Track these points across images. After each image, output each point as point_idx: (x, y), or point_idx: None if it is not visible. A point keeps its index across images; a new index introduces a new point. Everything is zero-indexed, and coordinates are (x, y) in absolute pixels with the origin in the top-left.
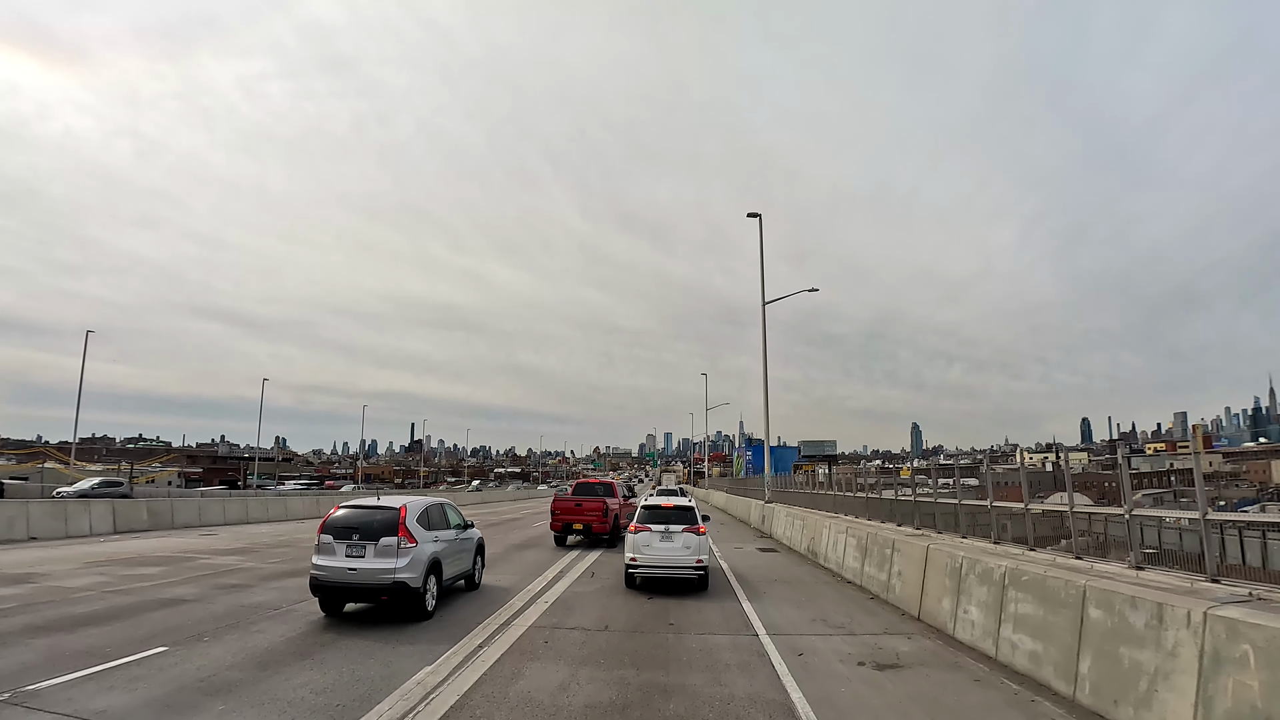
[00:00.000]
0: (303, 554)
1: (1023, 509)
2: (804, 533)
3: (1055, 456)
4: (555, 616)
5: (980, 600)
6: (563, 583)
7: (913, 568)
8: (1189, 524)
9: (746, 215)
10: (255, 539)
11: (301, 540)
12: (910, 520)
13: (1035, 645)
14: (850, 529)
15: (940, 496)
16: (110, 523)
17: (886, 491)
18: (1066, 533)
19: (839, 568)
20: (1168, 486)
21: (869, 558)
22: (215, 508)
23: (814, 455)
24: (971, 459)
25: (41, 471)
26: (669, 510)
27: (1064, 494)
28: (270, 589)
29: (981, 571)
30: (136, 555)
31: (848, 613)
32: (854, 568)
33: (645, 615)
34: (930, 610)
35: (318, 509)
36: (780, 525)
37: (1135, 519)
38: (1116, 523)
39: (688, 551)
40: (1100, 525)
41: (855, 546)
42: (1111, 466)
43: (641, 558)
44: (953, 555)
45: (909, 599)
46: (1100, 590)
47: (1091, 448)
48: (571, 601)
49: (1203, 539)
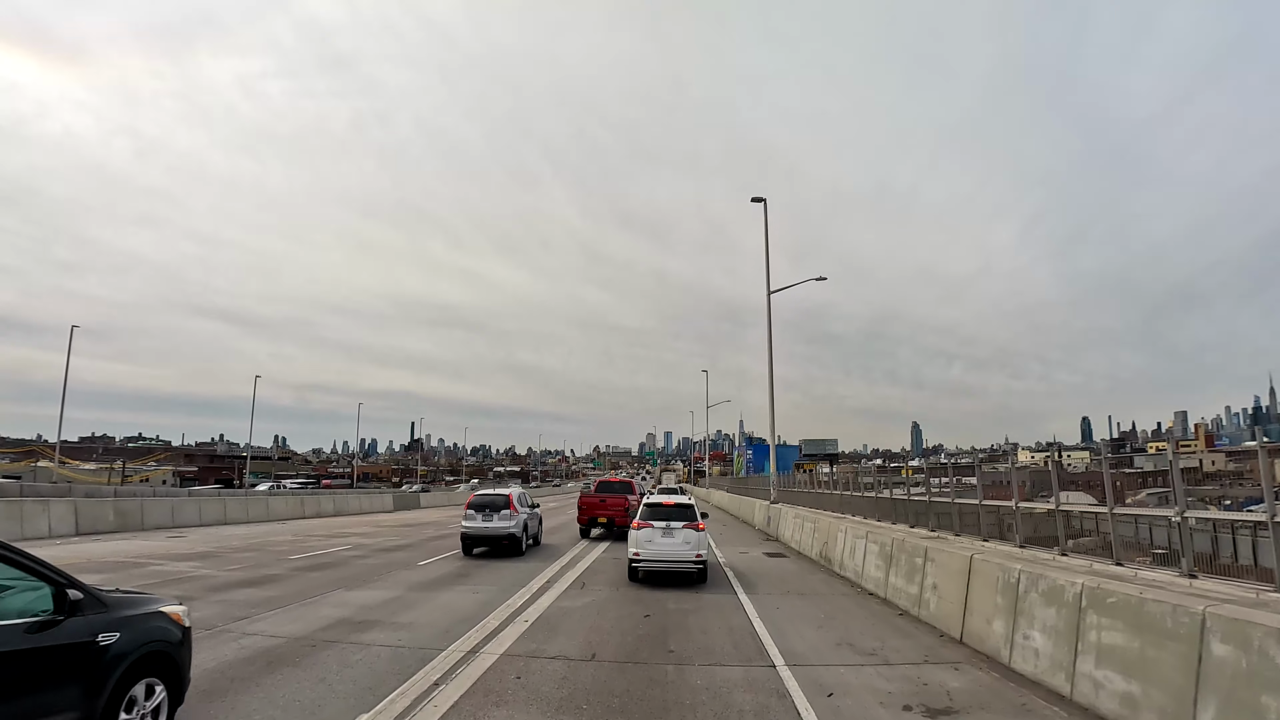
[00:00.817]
0: (270, 560)
1: (1047, 510)
2: (815, 537)
3: (1056, 455)
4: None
5: (1047, 624)
6: (546, 597)
7: (952, 581)
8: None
9: (751, 200)
10: (224, 542)
11: (273, 544)
12: (923, 521)
13: (1130, 686)
14: (871, 534)
15: (953, 495)
16: (72, 524)
17: (896, 490)
18: (1072, 533)
19: (858, 577)
20: (1171, 485)
21: (895, 567)
22: (190, 508)
23: (815, 454)
24: (973, 458)
25: (35, 470)
26: (670, 508)
27: (1068, 493)
28: (213, 602)
29: (1048, 589)
30: (85, 560)
31: (877, 634)
32: (876, 578)
33: (639, 640)
34: (976, 632)
35: (302, 509)
36: (788, 528)
37: (1185, 522)
38: (1125, 523)
39: (688, 547)
40: (1102, 524)
41: (878, 554)
42: (1115, 465)
43: (644, 552)
44: (1005, 568)
45: (948, 617)
46: (1228, 619)
47: (1092, 447)
48: (556, 620)
49: (1276, 545)
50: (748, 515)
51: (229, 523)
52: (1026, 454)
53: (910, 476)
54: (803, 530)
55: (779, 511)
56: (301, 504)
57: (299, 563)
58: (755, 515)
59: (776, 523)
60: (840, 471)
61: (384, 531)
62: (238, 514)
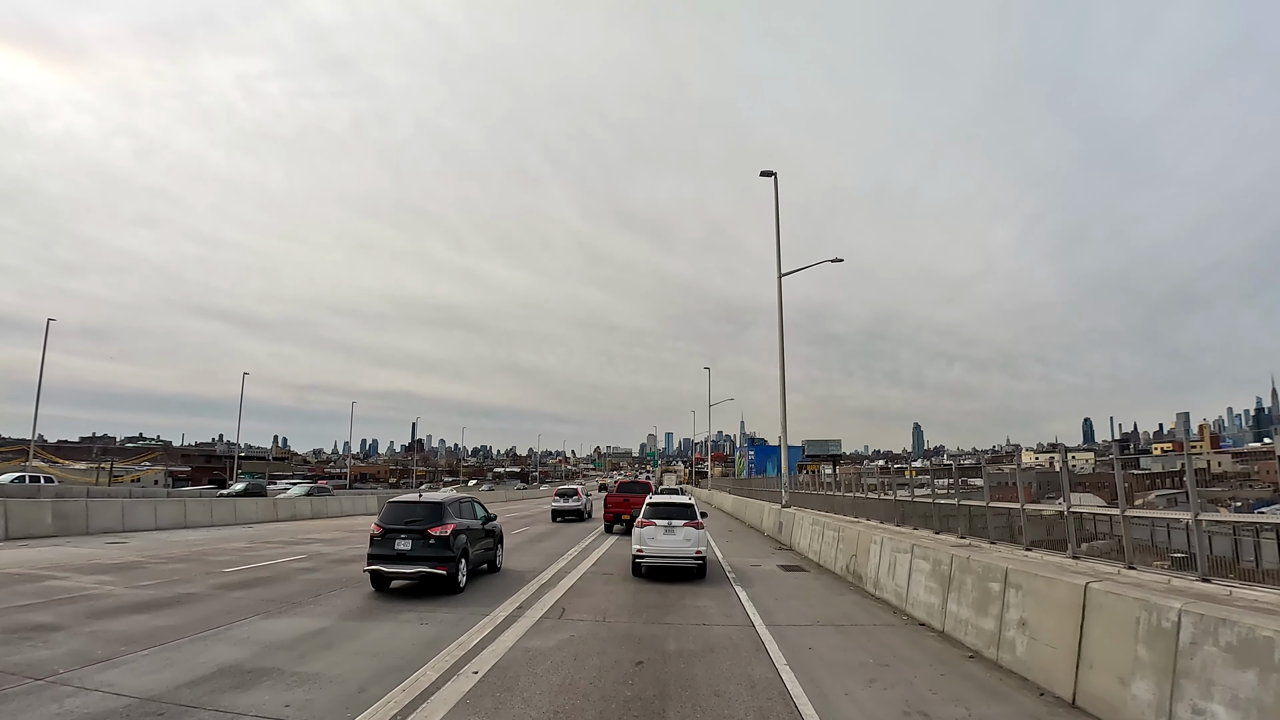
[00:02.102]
0: (197, 574)
1: (1118, 514)
2: (840, 548)
3: (1063, 456)
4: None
5: (1245, 696)
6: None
7: (1053, 618)
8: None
9: (760, 174)
10: (163, 550)
11: (218, 552)
12: (951, 526)
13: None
14: (917, 546)
15: (988, 499)
16: (0, 527)
17: (918, 492)
18: (1083, 536)
19: (900, 600)
20: (1180, 487)
21: (957, 593)
22: (144, 511)
23: (818, 455)
24: (976, 458)
25: (24, 470)
26: (671, 507)
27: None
28: (80, 634)
29: (1239, 640)
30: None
31: (954, 693)
32: (928, 604)
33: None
34: (1100, 695)
35: (275, 512)
36: (804, 535)
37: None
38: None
39: (688, 543)
40: (1107, 525)
41: (930, 573)
42: (1124, 466)
43: (647, 549)
44: (1152, 605)
45: (1047, 667)
46: None
47: (1095, 448)
48: (516, 672)
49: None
50: (754, 520)
51: (189, 526)
52: (1030, 454)
53: (914, 478)
54: (822, 539)
55: (791, 517)
56: (275, 506)
57: (229, 578)
58: (764, 520)
59: (789, 529)
60: (843, 473)
61: (353, 538)
62: (200, 517)
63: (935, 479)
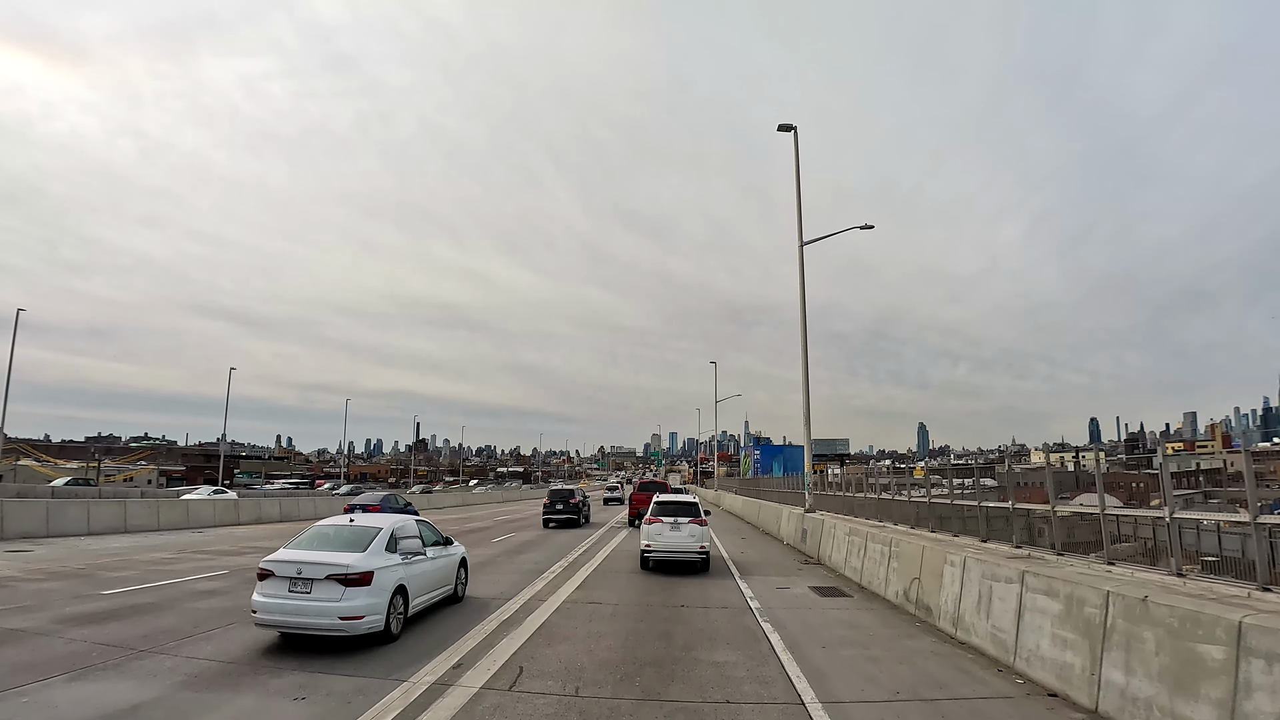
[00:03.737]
0: (60, 597)
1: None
2: (892, 566)
3: (1077, 458)
4: None
5: None
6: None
7: None
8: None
9: (778, 129)
10: (61, 562)
11: (118, 566)
12: (999, 533)
13: None
14: (1031, 575)
15: (1053, 502)
16: None
17: (927, 491)
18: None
19: (1004, 652)
20: (1196, 487)
21: (1125, 654)
22: (76, 512)
23: (825, 454)
24: (984, 458)
25: (15, 469)
26: (677, 505)
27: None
28: None
29: None
30: None
31: None
32: (1059, 663)
33: None
34: None
35: (237, 515)
36: (837, 548)
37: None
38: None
39: (693, 539)
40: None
41: (1060, 619)
42: (1135, 466)
43: (655, 544)
44: None
45: None
46: None
47: (1103, 447)
48: None
49: None
50: (769, 525)
51: (130, 530)
52: (1038, 455)
53: (927, 478)
54: (864, 554)
55: (819, 524)
56: (237, 509)
57: (97, 605)
58: (782, 526)
59: (817, 539)
60: (849, 472)
61: None
62: (143, 520)
63: (952, 477)
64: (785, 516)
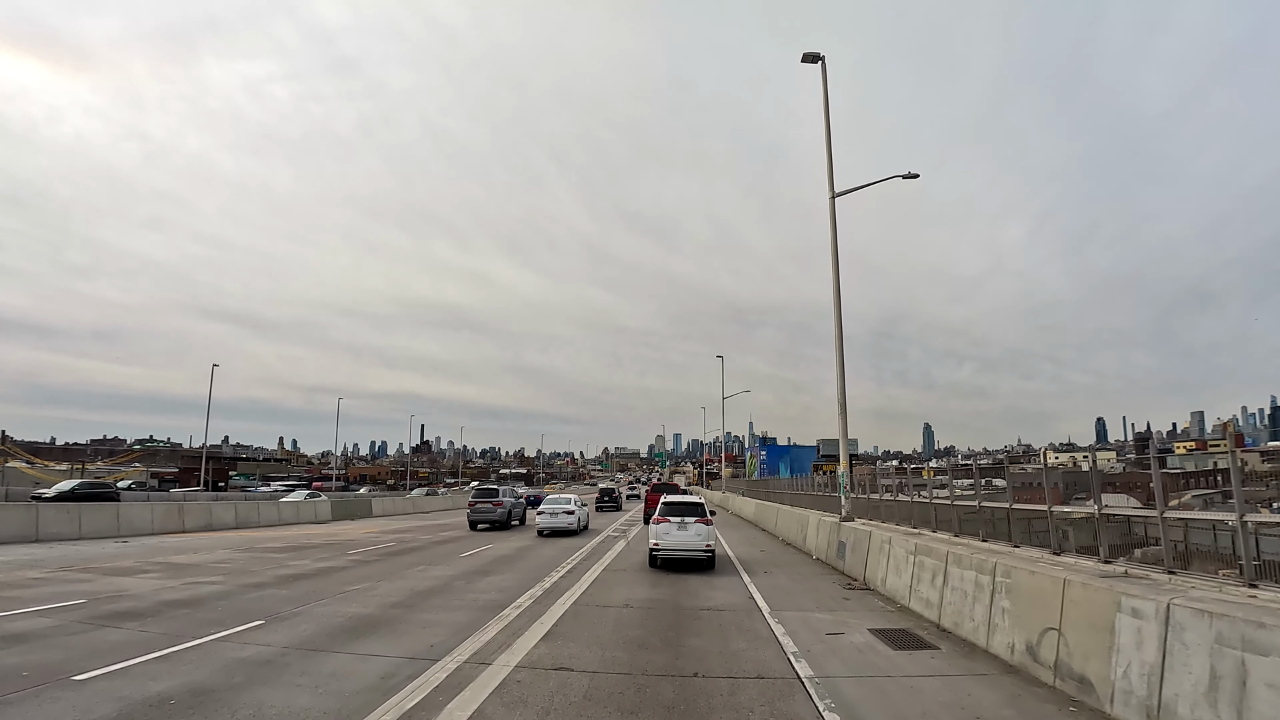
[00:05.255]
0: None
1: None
2: (1001, 605)
3: (1085, 457)
4: None
5: None
6: None
7: None
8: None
9: (802, 59)
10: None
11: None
12: (1090, 545)
13: None
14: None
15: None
16: None
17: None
18: (1136, 541)
19: None
20: (1215, 487)
21: None
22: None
23: (833, 455)
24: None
25: (4, 472)
26: (683, 505)
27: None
28: None
29: None
30: None
31: None
32: None
33: None
34: None
35: (181, 522)
36: (894, 570)
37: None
38: (1175, 527)
39: (699, 538)
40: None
41: None
42: (1145, 466)
43: (662, 543)
44: None
45: None
46: None
47: (1110, 447)
48: None
49: None
50: (793, 534)
51: (41, 540)
52: (1050, 455)
53: (934, 478)
54: (944, 585)
55: (865, 538)
56: (180, 514)
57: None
58: (808, 536)
59: (861, 556)
60: (858, 473)
61: (230, 561)
62: (60, 528)
63: (976, 478)
64: (813, 525)
